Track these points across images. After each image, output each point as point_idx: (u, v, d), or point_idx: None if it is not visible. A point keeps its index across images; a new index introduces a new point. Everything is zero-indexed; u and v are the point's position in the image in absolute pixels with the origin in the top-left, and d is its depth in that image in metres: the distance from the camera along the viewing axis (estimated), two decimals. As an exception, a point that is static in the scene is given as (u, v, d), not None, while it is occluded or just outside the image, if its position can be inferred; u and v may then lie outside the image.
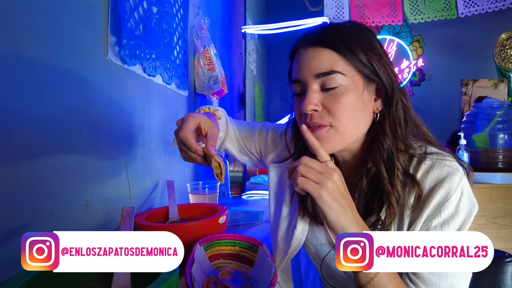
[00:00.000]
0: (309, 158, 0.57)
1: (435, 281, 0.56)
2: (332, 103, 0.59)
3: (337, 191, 0.55)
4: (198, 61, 1.45)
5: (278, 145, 0.82)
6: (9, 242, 0.52)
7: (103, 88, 0.78)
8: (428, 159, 0.60)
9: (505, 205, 1.65)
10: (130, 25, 0.88)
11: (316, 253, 0.74)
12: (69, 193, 0.66)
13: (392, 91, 0.61)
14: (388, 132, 0.61)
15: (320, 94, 0.61)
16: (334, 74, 0.59)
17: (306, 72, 0.61)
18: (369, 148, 0.63)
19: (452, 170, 0.58)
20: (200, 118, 0.66)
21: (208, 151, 0.62)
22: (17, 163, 0.54)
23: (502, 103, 1.79)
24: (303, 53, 0.63)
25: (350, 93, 0.59)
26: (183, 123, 0.64)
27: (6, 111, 0.52)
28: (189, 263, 0.62)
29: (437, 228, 0.57)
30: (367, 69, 0.60)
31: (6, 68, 0.52)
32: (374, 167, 0.60)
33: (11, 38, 0.53)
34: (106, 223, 0.78)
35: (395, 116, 0.62)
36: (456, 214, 0.57)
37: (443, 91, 4.01)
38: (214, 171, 0.62)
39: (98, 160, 0.75)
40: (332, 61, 0.59)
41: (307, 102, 0.60)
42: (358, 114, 0.61)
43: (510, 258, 0.81)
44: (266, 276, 0.63)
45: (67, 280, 0.56)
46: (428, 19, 2.84)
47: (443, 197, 0.57)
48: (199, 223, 0.78)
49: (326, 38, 0.60)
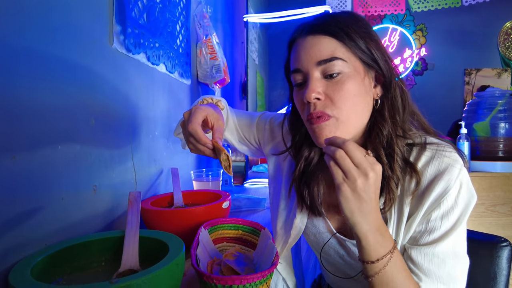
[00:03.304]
0: (355, 145, 0.53)
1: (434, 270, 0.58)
2: (334, 91, 0.59)
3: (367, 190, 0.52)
4: (201, 50, 1.45)
5: (276, 136, 0.83)
6: (24, 224, 0.55)
7: (109, 77, 0.79)
8: (428, 150, 0.61)
9: (504, 193, 1.67)
10: (134, 14, 0.89)
11: (316, 241, 0.76)
12: (78, 178, 0.68)
13: (390, 77, 0.62)
14: (387, 117, 0.62)
15: (322, 82, 0.60)
16: (335, 60, 0.59)
17: (307, 60, 0.61)
18: (368, 134, 0.64)
19: (451, 162, 0.58)
20: (207, 111, 0.65)
21: (218, 144, 0.62)
22: (28, 150, 0.56)
23: (503, 92, 1.79)
24: (301, 42, 0.62)
25: (352, 80, 0.59)
26: (191, 115, 0.63)
27: (19, 101, 0.54)
28: (194, 245, 0.65)
29: (437, 220, 0.58)
30: (366, 55, 0.60)
31: (18, 60, 0.54)
32: (374, 153, 0.61)
33: (24, 32, 0.54)
34: (113, 207, 0.81)
35: (393, 102, 0.62)
36: (456, 206, 0.58)
37: (445, 80, 3.99)
38: (223, 164, 0.62)
39: (105, 147, 0.77)
40: (332, 48, 0.59)
41: (310, 90, 0.59)
42: (361, 101, 0.61)
43: (506, 242, 0.83)
44: (268, 257, 0.65)
45: (76, 262, 0.59)
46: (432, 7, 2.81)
47: (443, 189, 0.57)
48: (204, 208, 0.81)
49: (325, 25, 0.60)
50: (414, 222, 0.60)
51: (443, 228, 0.58)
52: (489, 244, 0.84)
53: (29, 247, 0.55)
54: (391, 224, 0.63)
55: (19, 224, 0.54)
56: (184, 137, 0.66)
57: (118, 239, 0.63)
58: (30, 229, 0.56)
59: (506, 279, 0.82)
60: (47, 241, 0.59)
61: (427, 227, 0.59)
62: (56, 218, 0.62)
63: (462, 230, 0.59)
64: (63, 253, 0.57)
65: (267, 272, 0.55)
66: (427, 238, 0.59)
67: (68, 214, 0.65)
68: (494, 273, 0.82)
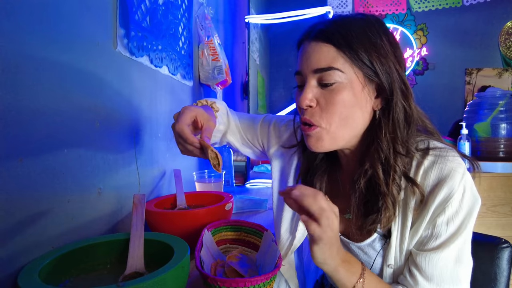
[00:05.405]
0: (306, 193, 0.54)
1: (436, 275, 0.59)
2: (327, 101, 0.60)
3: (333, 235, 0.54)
4: (203, 51, 1.46)
5: (281, 136, 0.83)
6: (31, 227, 0.55)
7: (113, 80, 0.80)
8: (430, 155, 0.60)
9: (505, 194, 1.67)
10: (137, 17, 0.89)
11: None
12: (83, 180, 0.69)
13: (391, 92, 0.59)
14: (386, 133, 0.60)
15: (317, 89, 0.61)
16: (332, 70, 0.58)
17: (306, 66, 0.62)
18: (367, 148, 0.62)
19: (454, 167, 0.58)
20: (197, 111, 0.65)
21: (204, 142, 0.62)
22: (35, 153, 0.56)
23: (504, 93, 1.79)
24: (306, 46, 0.63)
25: (346, 91, 0.59)
26: (179, 116, 0.64)
27: (26, 105, 0.54)
28: (198, 247, 0.66)
29: (442, 225, 0.58)
30: (366, 68, 0.59)
31: (25, 65, 0.54)
32: (371, 169, 0.61)
33: (29, 37, 0.55)
34: (117, 209, 0.82)
35: (394, 117, 0.60)
36: (460, 210, 0.58)
37: (446, 80, 3.98)
38: (212, 162, 0.63)
39: (109, 149, 0.78)
40: (331, 57, 0.59)
41: (303, 98, 0.61)
42: (353, 113, 0.60)
43: (506, 244, 0.84)
44: (271, 259, 0.66)
45: (82, 264, 0.60)
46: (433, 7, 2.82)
47: (447, 194, 0.57)
48: (207, 210, 0.82)
49: (330, 33, 0.59)
50: (420, 228, 0.60)
51: (448, 233, 0.58)
52: (489, 246, 0.85)
53: (36, 250, 0.56)
54: (395, 231, 0.63)
55: (27, 227, 0.55)
56: (175, 138, 0.66)
57: (123, 242, 0.64)
58: (38, 232, 0.57)
59: (507, 281, 0.82)
60: (53, 244, 0.60)
61: (433, 232, 0.60)
62: (62, 221, 0.63)
63: (467, 234, 0.59)
64: (70, 256, 0.58)
65: (271, 275, 0.55)
66: (433, 243, 0.60)
67: (73, 216, 0.66)
68: (495, 274, 0.83)
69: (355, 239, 0.69)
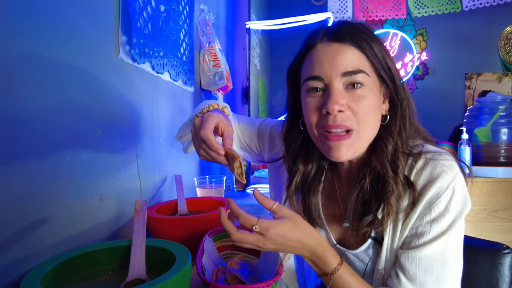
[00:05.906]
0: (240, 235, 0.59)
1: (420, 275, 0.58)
2: (356, 103, 0.58)
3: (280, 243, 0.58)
4: (204, 57, 1.47)
5: (276, 144, 0.82)
6: (33, 234, 0.56)
7: (115, 86, 0.81)
8: (422, 158, 0.60)
9: (506, 199, 1.67)
10: (139, 24, 0.90)
11: None
12: (85, 187, 0.69)
13: (402, 95, 0.62)
14: (394, 133, 0.62)
15: (344, 93, 0.59)
16: (361, 73, 0.58)
17: (331, 69, 0.58)
18: (373, 149, 0.63)
19: (445, 169, 0.58)
20: (219, 118, 0.66)
21: (232, 151, 0.62)
22: (38, 159, 0.57)
23: (505, 98, 1.79)
24: (325, 47, 0.60)
25: (371, 94, 0.59)
26: (203, 122, 0.63)
27: (30, 112, 0.55)
28: (200, 254, 0.66)
29: (426, 225, 0.58)
30: (384, 72, 0.60)
31: (28, 71, 0.55)
32: (380, 166, 0.60)
33: (33, 44, 0.56)
34: (119, 216, 0.82)
35: (401, 119, 0.62)
36: (446, 212, 0.57)
37: (446, 85, 4.00)
38: (236, 172, 0.62)
39: (110, 155, 0.79)
40: (358, 60, 0.58)
41: (334, 101, 0.57)
42: (376, 116, 0.61)
43: (508, 250, 0.84)
44: (272, 265, 0.66)
45: (84, 271, 0.60)
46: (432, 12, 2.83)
47: (434, 195, 0.57)
48: (208, 216, 0.82)
49: (351, 35, 0.58)
50: (407, 228, 0.61)
51: (432, 233, 0.58)
52: (491, 251, 0.85)
53: (38, 257, 0.56)
54: (386, 235, 0.63)
55: (29, 234, 0.55)
56: (195, 143, 0.66)
57: (124, 248, 0.64)
58: (39, 239, 0.57)
59: (509, 287, 0.82)
60: (55, 251, 0.60)
61: (417, 231, 0.60)
62: (64, 227, 0.63)
63: (453, 235, 0.58)
64: (71, 263, 0.58)
65: (272, 281, 0.55)
66: (416, 242, 0.59)
67: (75, 223, 0.66)
68: (496, 281, 0.82)
69: (351, 246, 0.69)
